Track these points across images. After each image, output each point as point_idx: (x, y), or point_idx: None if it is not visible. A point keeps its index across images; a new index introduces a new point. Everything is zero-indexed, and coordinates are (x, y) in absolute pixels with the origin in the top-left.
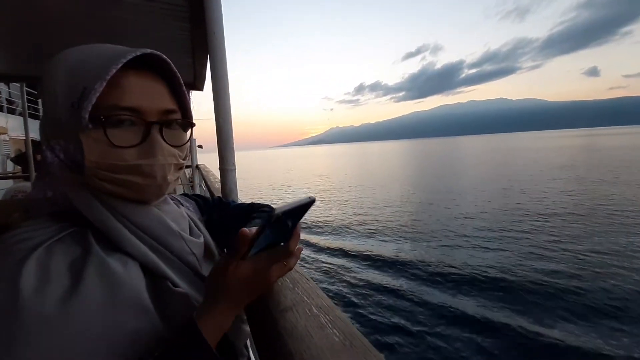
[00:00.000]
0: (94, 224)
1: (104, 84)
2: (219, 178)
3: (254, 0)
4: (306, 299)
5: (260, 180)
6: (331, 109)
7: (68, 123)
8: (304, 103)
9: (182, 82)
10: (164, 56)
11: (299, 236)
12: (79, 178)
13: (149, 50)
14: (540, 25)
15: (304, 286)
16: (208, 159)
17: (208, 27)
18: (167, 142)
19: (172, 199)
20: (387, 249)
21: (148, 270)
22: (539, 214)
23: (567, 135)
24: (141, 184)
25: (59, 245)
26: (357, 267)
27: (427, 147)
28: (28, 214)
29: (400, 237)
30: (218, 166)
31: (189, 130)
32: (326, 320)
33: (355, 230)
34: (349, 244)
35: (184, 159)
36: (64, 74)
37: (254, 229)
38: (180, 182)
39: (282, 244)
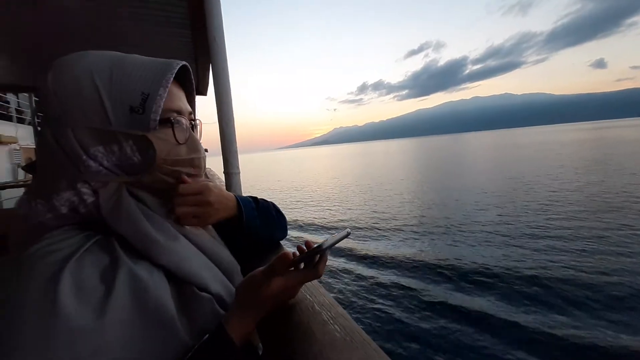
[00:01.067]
0: (123, 232)
1: (167, 89)
2: (224, 181)
3: (254, 2)
4: (309, 296)
5: (275, 184)
6: (335, 109)
7: (126, 126)
8: (308, 104)
9: (194, 87)
10: (189, 66)
11: (326, 261)
12: (125, 180)
13: (184, 63)
14: (543, 19)
15: (308, 284)
16: (212, 162)
17: (209, 33)
18: None
19: None
20: (409, 250)
21: (172, 276)
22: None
23: (579, 129)
24: (191, 176)
25: (89, 256)
26: (369, 267)
27: (434, 145)
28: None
29: (423, 236)
30: (222, 170)
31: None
32: (328, 316)
33: (381, 232)
34: (377, 246)
35: None
36: (116, 79)
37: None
38: None
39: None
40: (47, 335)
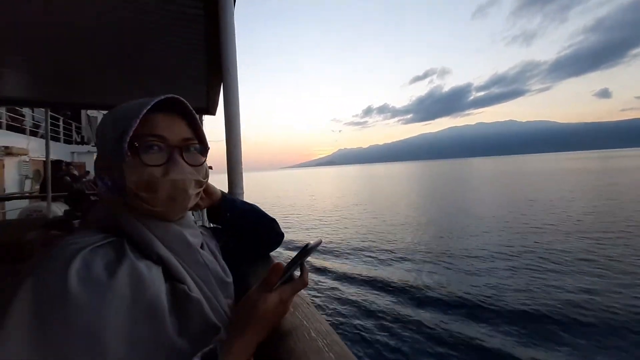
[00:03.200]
0: (129, 235)
1: (138, 121)
2: None
3: (263, 24)
4: (305, 323)
5: (288, 208)
6: (339, 131)
7: (114, 157)
8: (313, 125)
9: (196, 117)
10: (183, 99)
11: (308, 270)
12: (120, 200)
13: (170, 95)
14: (547, 49)
15: (304, 311)
16: (216, 179)
17: (222, 61)
18: (186, 162)
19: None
20: (407, 274)
21: (169, 277)
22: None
23: (584, 157)
24: (171, 197)
25: (100, 249)
26: (366, 291)
27: (438, 169)
28: (45, 231)
29: (424, 262)
30: (227, 189)
31: (205, 154)
32: (323, 343)
33: (382, 254)
34: (374, 269)
35: (203, 178)
36: (111, 121)
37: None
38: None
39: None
40: (52, 309)
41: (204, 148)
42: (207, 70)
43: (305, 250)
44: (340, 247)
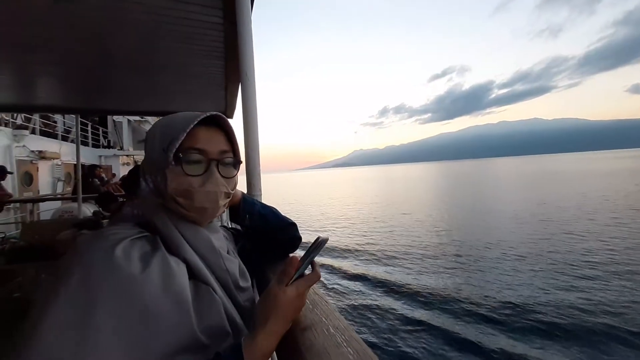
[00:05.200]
0: (161, 233)
1: (185, 134)
2: None
3: (279, 26)
4: (324, 319)
5: (312, 208)
6: (355, 132)
7: (159, 163)
8: (328, 126)
9: (234, 131)
10: (224, 116)
11: (317, 265)
12: (159, 201)
13: (214, 113)
14: (575, 43)
15: (323, 308)
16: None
17: (240, 66)
18: (221, 174)
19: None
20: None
21: (193, 275)
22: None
23: (620, 157)
24: (203, 207)
25: (137, 241)
26: (383, 294)
27: (460, 169)
28: (76, 231)
29: (448, 269)
30: (245, 190)
31: (238, 167)
32: (342, 339)
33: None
34: (391, 272)
35: (232, 189)
36: (160, 130)
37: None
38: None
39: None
40: (106, 278)
41: (237, 161)
42: (226, 75)
43: (317, 243)
44: (379, 254)
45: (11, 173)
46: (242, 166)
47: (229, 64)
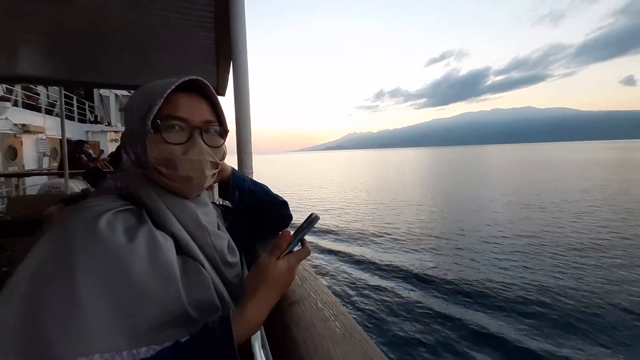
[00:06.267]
0: (147, 206)
1: (162, 100)
2: None
3: (274, 5)
4: (312, 294)
5: (313, 189)
6: (349, 115)
7: (138, 132)
8: (322, 109)
9: (219, 100)
10: (206, 81)
11: (307, 242)
12: (143, 172)
13: (194, 77)
14: (575, 31)
15: (311, 283)
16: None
17: (232, 39)
18: (205, 143)
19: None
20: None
21: (181, 250)
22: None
23: (608, 147)
24: (187, 176)
25: (121, 214)
26: (376, 275)
27: (451, 156)
28: (63, 207)
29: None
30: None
31: (225, 137)
32: (330, 313)
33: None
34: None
35: (220, 159)
36: (138, 98)
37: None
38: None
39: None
40: (89, 247)
41: (223, 130)
42: (217, 50)
43: (310, 220)
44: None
45: None
46: (234, 145)
47: (220, 39)
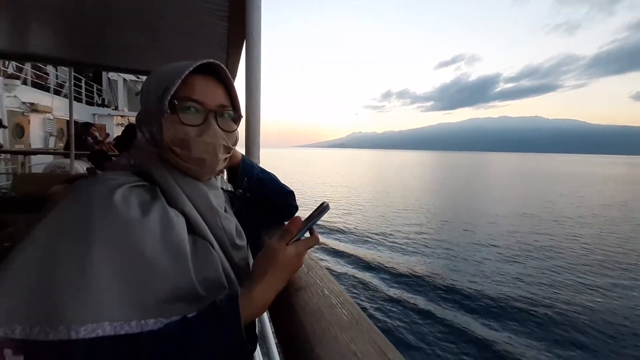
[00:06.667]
0: (160, 184)
1: (179, 81)
2: None
3: (286, 3)
4: (319, 282)
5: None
6: (356, 114)
7: (155, 112)
8: (329, 106)
9: (234, 85)
10: (223, 65)
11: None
12: (157, 151)
13: (212, 60)
14: (589, 43)
15: (318, 272)
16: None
17: (247, 26)
18: (219, 127)
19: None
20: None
21: (191, 230)
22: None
23: (619, 162)
24: (201, 158)
25: (136, 189)
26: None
27: (458, 161)
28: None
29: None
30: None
31: (238, 122)
32: (337, 301)
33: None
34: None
35: (233, 145)
36: (155, 79)
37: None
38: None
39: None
40: (106, 218)
41: (237, 116)
42: (229, 38)
43: (322, 209)
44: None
45: (5, 127)
46: (242, 138)
47: (234, 26)
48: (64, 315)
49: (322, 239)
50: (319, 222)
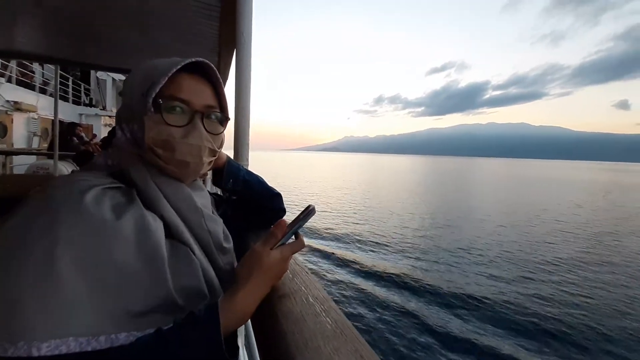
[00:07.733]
0: (138, 186)
1: (166, 79)
2: None
3: (278, 5)
4: (304, 288)
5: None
6: (348, 118)
7: (137, 109)
8: (321, 109)
9: (222, 85)
10: (212, 64)
11: (302, 235)
12: (137, 152)
13: (200, 59)
14: (574, 53)
15: (303, 278)
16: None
17: (237, 27)
18: (205, 129)
19: None
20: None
21: (170, 234)
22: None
23: (598, 168)
24: (184, 161)
25: (110, 191)
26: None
27: (446, 166)
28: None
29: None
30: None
31: (225, 124)
32: (321, 309)
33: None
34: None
35: (218, 147)
36: (140, 73)
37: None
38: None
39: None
40: (75, 221)
41: (224, 117)
42: (220, 39)
43: (307, 212)
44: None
45: None
46: (230, 137)
47: (225, 27)
48: (25, 330)
49: (317, 242)
50: (305, 226)
